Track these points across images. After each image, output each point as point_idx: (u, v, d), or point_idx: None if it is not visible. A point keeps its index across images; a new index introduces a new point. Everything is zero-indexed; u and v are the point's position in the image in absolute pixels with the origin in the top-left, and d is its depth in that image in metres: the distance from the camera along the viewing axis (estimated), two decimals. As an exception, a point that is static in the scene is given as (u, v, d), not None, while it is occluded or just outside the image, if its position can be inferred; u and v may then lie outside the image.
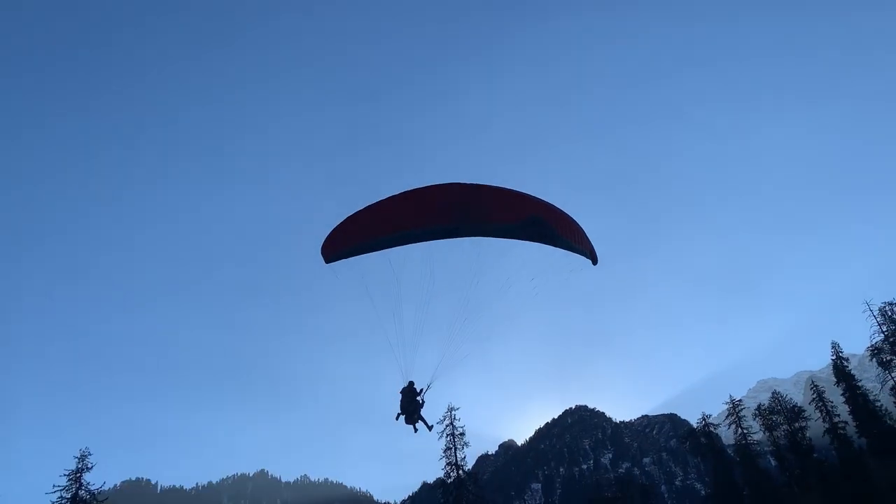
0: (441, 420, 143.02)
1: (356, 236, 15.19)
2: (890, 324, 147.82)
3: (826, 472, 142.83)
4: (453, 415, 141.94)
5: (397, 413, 27.14)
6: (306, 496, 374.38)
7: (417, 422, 26.16)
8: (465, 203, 13.63)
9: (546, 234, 14.29)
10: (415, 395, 26.99)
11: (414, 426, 28.27)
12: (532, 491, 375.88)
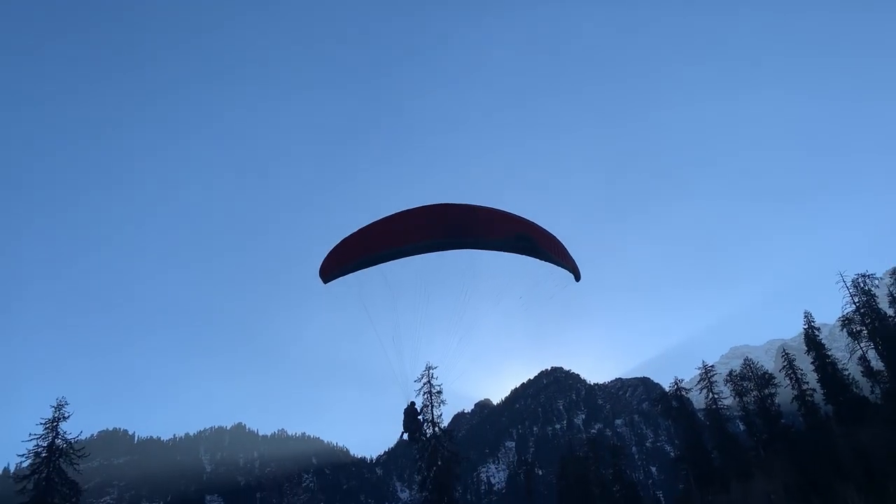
0: (419, 378, 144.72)
1: (352, 255, 15.73)
2: (862, 295, 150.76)
3: (792, 437, 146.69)
4: (431, 373, 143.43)
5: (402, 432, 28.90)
6: (283, 450, 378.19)
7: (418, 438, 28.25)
8: (458, 221, 14.23)
9: (532, 249, 14.87)
10: (416, 416, 28.66)
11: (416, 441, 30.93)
12: (506, 449, 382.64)
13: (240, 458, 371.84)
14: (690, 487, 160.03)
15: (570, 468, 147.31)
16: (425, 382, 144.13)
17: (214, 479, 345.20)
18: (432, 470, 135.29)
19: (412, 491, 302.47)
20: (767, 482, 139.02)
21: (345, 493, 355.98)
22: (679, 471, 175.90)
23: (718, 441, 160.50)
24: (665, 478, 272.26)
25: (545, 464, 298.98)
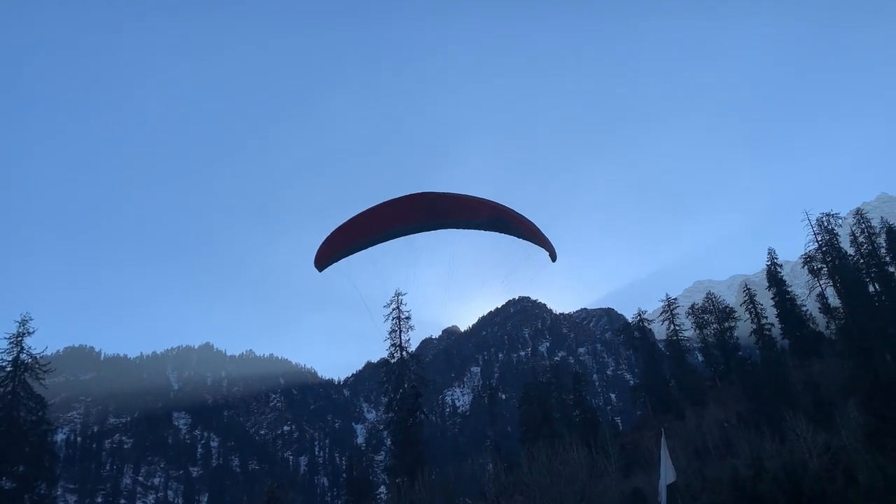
0: (388, 304, 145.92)
1: (344, 243, 16.26)
2: (825, 234, 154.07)
3: (748, 369, 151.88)
4: (399, 299, 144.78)
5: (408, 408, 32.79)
6: (251, 370, 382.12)
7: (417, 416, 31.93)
8: (438, 207, 14.87)
9: (506, 227, 15.43)
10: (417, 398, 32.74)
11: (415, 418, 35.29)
12: (471, 374, 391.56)
13: (207, 377, 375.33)
14: (647, 414, 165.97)
15: (532, 393, 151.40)
16: (394, 308, 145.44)
17: (182, 397, 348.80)
18: (399, 392, 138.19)
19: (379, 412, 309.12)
20: (721, 410, 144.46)
21: (312, 413, 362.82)
22: (637, 398, 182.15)
23: (676, 371, 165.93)
24: (624, 404, 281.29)
25: (509, 389, 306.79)
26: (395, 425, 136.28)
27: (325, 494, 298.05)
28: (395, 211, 14.34)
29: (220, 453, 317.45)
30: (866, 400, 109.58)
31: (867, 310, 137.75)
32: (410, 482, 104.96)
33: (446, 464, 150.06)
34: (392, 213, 14.36)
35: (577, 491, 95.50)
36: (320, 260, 16.54)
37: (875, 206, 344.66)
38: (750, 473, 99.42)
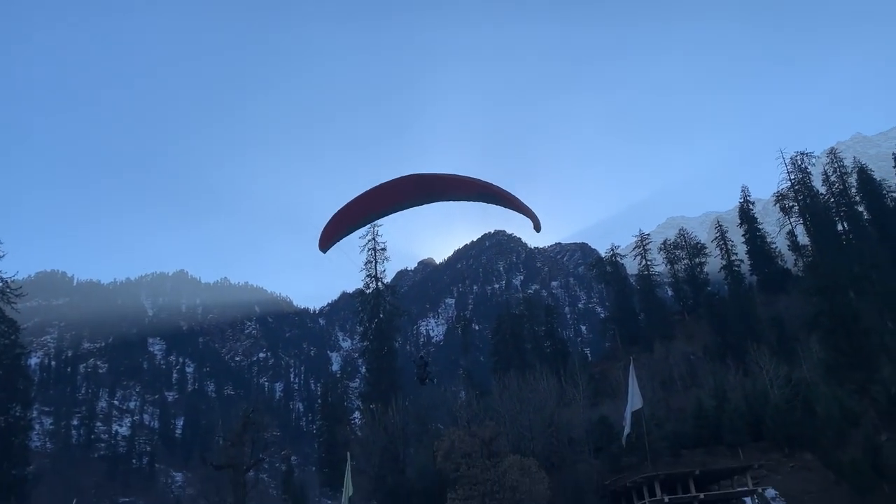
0: (363, 235, 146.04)
1: (345, 224, 17.46)
2: (798, 172, 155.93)
3: (716, 304, 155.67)
4: (376, 231, 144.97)
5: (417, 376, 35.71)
6: (225, 298, 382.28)
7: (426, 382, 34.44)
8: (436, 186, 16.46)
9: (495, 200, 16.75)
10: (425, 367, 35.66)
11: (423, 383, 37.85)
12: (446, 305, 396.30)
13: (182, 303, 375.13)
14: (616, 346, 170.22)
15: (505, 324, 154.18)
16: (370, 239, 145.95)
17: (156, 324, 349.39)
18: (374, 322, 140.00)
19: (354, 341, 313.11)
20: (688, 343, 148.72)
21: (287, 341, 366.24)
22: (607, 330, 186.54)
23: (646, 304, 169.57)
24: (594, 336, 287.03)
25: (482, 320, 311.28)
26: (370, 353, 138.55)
27: (300, 419, 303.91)
28: (393, 190, 15.81)
29: (195, 379, 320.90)
30: (828, 335, 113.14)
31: (835, 248, 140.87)
32: (384, 408, 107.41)
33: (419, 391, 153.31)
34: (391, 192, 15.82)
35: (546, 418, 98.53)
36: (324, 242, 17.57)
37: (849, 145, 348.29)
38: (713, 404, 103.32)
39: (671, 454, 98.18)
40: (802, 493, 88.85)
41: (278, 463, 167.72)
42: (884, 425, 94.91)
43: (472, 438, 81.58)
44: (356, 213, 17.87)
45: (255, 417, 77.69)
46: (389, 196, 16.96)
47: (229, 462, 70.59)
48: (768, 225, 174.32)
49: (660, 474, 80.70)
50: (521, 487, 74.94)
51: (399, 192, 16.45)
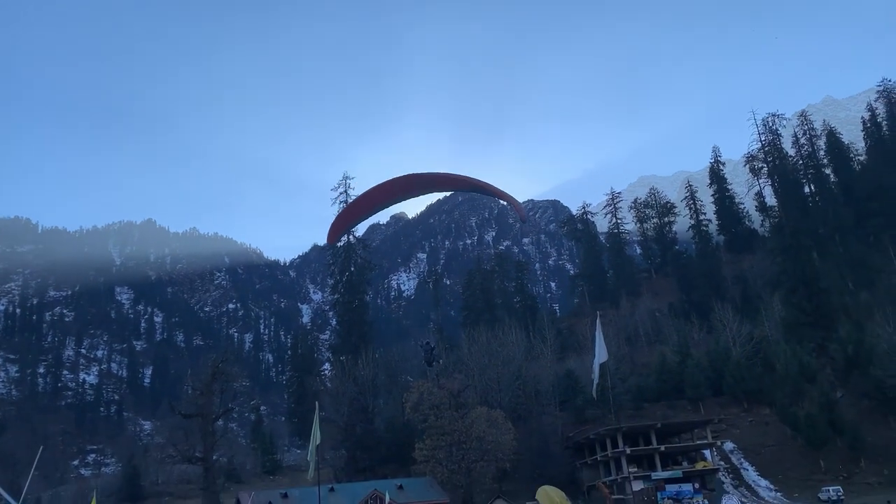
0: (336, 187, 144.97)
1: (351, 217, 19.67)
2: (769, 134, 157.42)
3: (683, 262, 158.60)
4: (348, 183, 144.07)
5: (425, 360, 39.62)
6: (195, 248, 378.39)
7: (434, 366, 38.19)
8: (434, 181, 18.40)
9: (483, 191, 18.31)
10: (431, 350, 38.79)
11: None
12: (417, 260, 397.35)
13: (150, 253, 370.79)
14: (584, 302, 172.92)
15: (476, 280, 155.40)
16: (342, 192, 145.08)
17: (124, 273, 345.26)
18: (345, 275, 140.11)
19: (325, 293, 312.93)
20: (654, 300, 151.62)
21: (257, 293, 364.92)
22: (576, 287, 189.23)
23: (615, 262, 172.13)
24: (563, 293, 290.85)
25: (453, 275, 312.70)
26: (341, 306, 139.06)
27: (269, 370, 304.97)
28: (392, 186, 17.69)
29: (163, 328, 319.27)
30: (790, 294, 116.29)
31: (801, 210, 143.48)
32: (354, 360, 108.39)
33: (390, 344, 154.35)
34: (390, 188, 17.63)
35: (514, 371, 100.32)
36: (332, 236, 19.45)
37: (819, 108, 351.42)
38: (677, 359, 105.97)
39: (634, 408, 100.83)
40: (759, 447, 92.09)
41: (247, 413, 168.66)
42: (839, 382, 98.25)
43: (440, 390, 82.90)
44: (362, 207, 19.21)
45: (224, 367, 77.76)
46: (391, 191, 18.42)
47: (198, 411, 70.88)
48: (738, 186, 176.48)
49: (622, 427, 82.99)
50: (487, 438, 76.65)
51: (399, 188, 18.03)
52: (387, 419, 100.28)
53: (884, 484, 79.17)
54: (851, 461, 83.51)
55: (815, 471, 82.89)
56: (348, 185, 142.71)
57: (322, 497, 67.04)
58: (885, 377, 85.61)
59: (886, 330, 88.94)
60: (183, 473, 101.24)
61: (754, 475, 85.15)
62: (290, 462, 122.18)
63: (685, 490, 76.72)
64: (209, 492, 66.54)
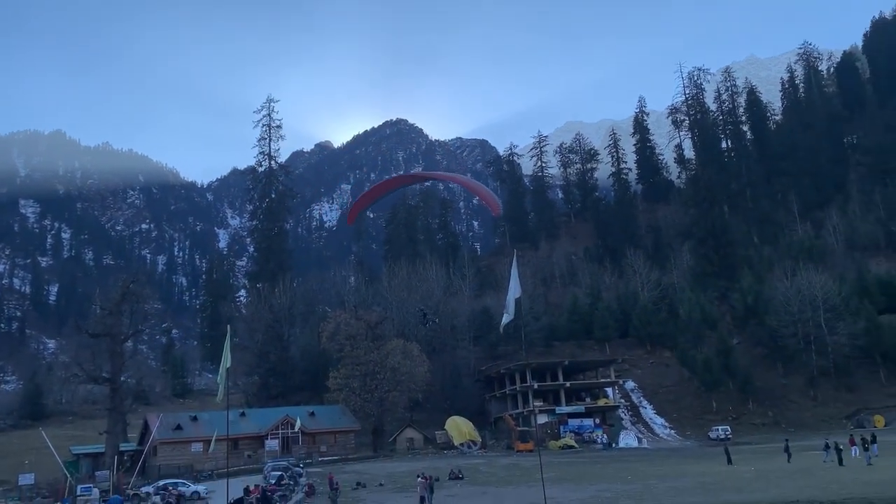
0: (258, 110, 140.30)
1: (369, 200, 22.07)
2: (693, 88, 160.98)
3: (602, 209, 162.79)
4: (272, 106, 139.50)
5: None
6: (107, 164, 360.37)
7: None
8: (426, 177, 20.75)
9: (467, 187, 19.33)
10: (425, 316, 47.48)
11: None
12: (341, 191, 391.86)
13: (59, 166, 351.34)
14: (505, 242, 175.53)
15: (400, 214, 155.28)
16: (265, 115, 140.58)
17: (29, 185, 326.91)
18: (265, 201, 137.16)
19: (243, 219, 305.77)
20: (572, 244, 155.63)
21: (172, 214, 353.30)
22: (498, 227, 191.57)
23: (537, 205, 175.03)
24: (485, 232, 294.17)
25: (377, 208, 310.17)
26: (259, 233, 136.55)
27: (182, 294, 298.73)
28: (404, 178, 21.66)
29: (71, 245, 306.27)
30: (699, 245, 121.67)
31: (717, 164, 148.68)
32: (271, 288, 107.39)
33: (308, 274, 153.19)
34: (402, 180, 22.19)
35: (432, 306, 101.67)
36: (351, 217, 21.71)
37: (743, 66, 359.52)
38: (588, 301, 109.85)
39: (545, 345, 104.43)
40: (658, 387, 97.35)
41: (158, 335, 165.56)
42: (737, 330, 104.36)
43: (358, 322, 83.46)
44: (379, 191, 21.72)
45: (135, 288, 75.65)
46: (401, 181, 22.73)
47: (106, 331, 69.06)
48: (659, 137, 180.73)
49: (531, 363, 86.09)
50: (402, 369, 78.11)
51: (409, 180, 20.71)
52: (302, 347, 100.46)
53: (768, 425, 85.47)
54: (741, 403, 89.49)
55: (708, 411, 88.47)
56: (272, 108, 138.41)
57: (232, 421, 67.22)
58: (779, 327, 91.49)
59: (784, 283, 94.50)
60: (89, 394, 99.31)
61: (651, 413, 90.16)
62: (200, 386, 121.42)
63: (586, 425, 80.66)
64: (115, 412, 65.49)
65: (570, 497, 32.55)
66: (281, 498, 39.11)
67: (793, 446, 48.79)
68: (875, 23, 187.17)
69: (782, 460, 46.10)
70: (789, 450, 46.55)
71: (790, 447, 47.70)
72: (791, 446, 48.34)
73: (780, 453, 47.96)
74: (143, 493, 46.72)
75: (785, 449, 46.90)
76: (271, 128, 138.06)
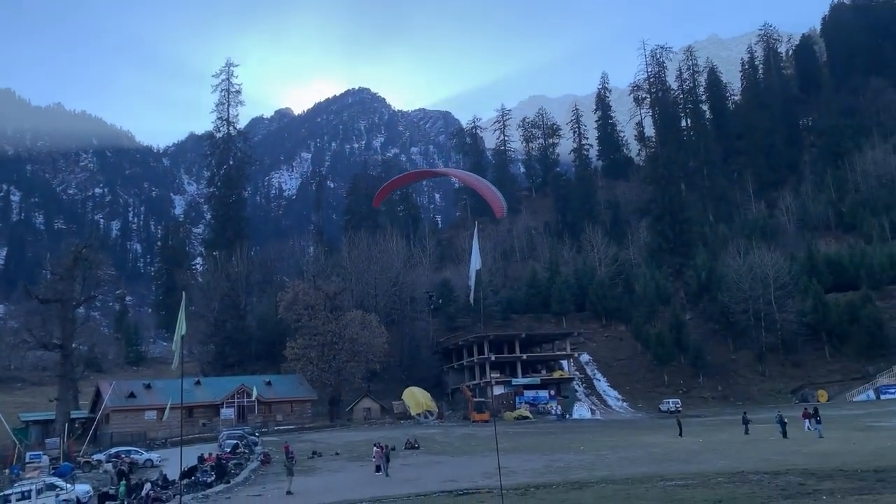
0: (217, 74, 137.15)
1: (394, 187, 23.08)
2: (655, 66, 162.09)
3: (562, 184, 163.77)
4: (231, 71, 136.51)
5: None
6: (59, 126, 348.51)
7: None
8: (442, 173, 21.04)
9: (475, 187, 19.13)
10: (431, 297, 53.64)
11: None
12: (301, 159, 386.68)
13: (7, 126, 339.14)
14: (466, 215, 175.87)
15: (361, 184, 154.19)
16: (224, 79, 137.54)
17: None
18: (223, 168, 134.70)
19: (200, 186, 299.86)
20: (532, 218, 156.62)
21: (127, 178, 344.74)
22: (459, 200, 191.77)
23: (499, 178, 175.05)
24: (446, 205, 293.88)
25: (338, 178, 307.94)
26: (217, 200, 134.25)
27: (137, 261, 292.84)
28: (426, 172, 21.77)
29: (21, 209, 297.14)
30: (656, 222, 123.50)
31: (676, 142, 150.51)
32: (228, 256, 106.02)
33: (267, 243, 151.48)
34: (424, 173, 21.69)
35: (392, 278, 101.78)
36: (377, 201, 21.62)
37: (704, 46, 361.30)
38: (546, 275, 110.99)
39: (503, 318, 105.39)
40: (612, 360, 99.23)
41: (112, 302, 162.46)
42: (690, 305, 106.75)
43: (316, 292, 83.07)
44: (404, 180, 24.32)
45: (88, 253, 73.96)
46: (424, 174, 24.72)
47: (57, 297, 67.45)
48: (621, 114, 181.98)
49: (489, 335, 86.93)
50: (360, 340, 78.13)
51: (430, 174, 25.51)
52: (259, 317, 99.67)
53: (717, 398, 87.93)
54: (691, 377, 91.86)
55: (659, 384, 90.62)
56: (231, 73, 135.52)
57: (187, 390, 66.65)
58: (731, 303, 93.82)
59: (737, 260, 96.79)
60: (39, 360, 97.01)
61: (605, 386, 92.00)
62: (155, 354, 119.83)
63: (541, 396, 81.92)
64: (66, 379, 64.25)
65: (524, 467, 33.11)
66: (236, 466, 39.05)
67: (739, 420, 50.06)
68: (833, 7, 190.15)
69: (730, 433, 47.47)
70: (748, 422, 47.61)
71: (748, 419, 48.69)
72: (742, 419, 49.01)
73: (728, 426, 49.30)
74: (95, 460, 46.21)
75: (743, 421, 47.98)
76: (230, 93, 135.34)
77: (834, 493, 18.88)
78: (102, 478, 40.56)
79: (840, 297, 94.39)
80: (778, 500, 18.63)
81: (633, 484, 24.31)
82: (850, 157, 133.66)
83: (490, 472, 28.38)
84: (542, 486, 25.32)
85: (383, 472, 33.93)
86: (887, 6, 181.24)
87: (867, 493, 18.55)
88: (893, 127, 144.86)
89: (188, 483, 33.13)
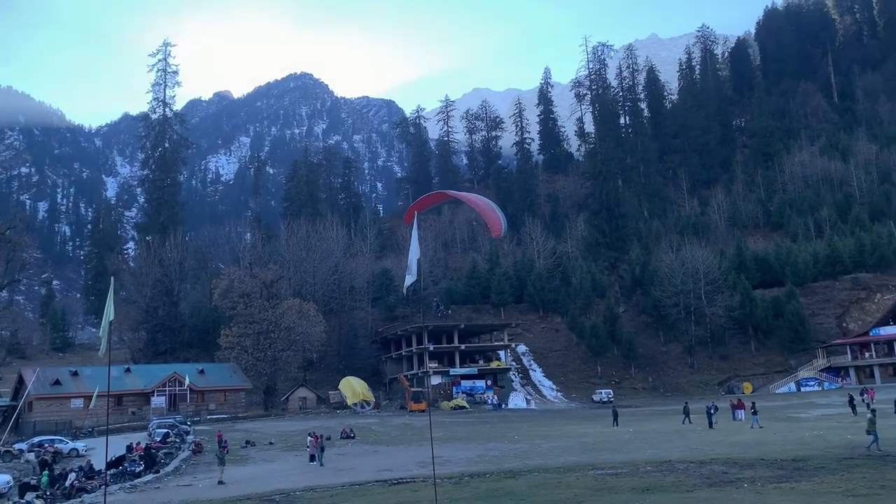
0: (154, 53, 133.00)
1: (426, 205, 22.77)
2: (597, 63, 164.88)
3: (504, 176, 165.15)
4: (168, 51, 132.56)
5: None
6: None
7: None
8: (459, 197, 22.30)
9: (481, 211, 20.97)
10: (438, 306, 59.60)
11: None
12: (240, 143, 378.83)
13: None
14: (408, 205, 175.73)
15: (302, 171, 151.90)
16: (161, 59, 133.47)
17: None
18: (158, 150, 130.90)
19: (134, 168, 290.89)
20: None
21: (56, 158, 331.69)
22: (402, 189, 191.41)
23: (441, 169, 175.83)
24: (388, 194, 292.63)
25: (278, 164, 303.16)
26: (151, 183, 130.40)
27: (66, 244, 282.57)
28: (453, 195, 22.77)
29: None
30: (593, 216, 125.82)
31: (614, 139, 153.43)
32: (162, 241, 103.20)
33: (202, 229, 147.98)
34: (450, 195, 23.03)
35: (332, 266, 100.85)
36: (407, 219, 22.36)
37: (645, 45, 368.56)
38: (486, 267, 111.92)
39: (443, 309, 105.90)
40: (548, 350, 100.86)
41: (38, 286, 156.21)
42: (624, 298, 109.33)
43: (252, 279, 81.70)
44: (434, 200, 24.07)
45: (11, 235, 71.08)
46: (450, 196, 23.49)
47: (-22, 280, 64.66)
48: (562, 109, 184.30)
49: (428, 325, 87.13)
50: (297, 329, 77.24)
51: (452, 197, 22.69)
52: (193, 304, 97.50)
53: (647, 389, 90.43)
54: (624, 368, 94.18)
55: (593, 375, 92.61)
56: (168, 53, 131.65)
57: (117, 377, 64.83)
58: (663, 297, 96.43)
59: (669, 256, 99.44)
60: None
61: (540, 376, 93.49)
62: (83, 340, 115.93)
63: (478, 386, 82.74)
64: (-13, 366, 61.73)
65: (459, 456, 33.38)
66: (166, 455, 38.15)
67: (668, 410, 51.57)
68: (767, 12, 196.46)
69: (660, 422, 48.82)
70: (688, 412, 48.71)
71: (689, 409, 49.66)
72: (683, 409, 49.84)
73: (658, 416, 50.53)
74: (16, 449, 44.44)
75: (684, 411, 49.12)
76: (167, 73, 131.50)
77: (755, 482, 19.67)
78: (24, 468, 39.06)
79: (766, 292, 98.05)
80: (703, 488, 19.28)
81: (565, 472, 24.80)
82: (780, 158, 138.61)
83: (425, 462, 28.55)
84: (476, 475, 25.60)
85: (318, 462, 33.74)
86: (817, 14, 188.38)
87: (785, 482, 19.39)
88: (820, 130, 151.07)
89: (115, 473, 32.22)
